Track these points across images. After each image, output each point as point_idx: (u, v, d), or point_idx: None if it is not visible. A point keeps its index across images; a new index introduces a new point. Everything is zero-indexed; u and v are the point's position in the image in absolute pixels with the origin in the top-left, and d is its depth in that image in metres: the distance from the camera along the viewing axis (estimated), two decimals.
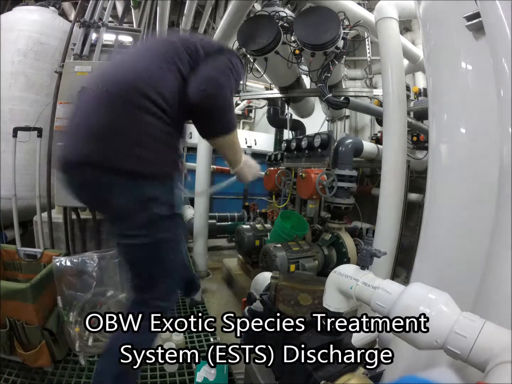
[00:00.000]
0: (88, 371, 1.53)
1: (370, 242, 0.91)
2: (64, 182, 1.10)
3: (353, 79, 4.92)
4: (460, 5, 1.10)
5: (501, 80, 0.84)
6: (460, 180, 1.13)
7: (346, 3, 2.67)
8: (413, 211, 3.29)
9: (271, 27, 2.37)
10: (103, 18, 2.11)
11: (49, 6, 2.74)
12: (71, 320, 1.60)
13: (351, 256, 2.63)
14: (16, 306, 1.38)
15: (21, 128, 2.09)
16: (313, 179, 2.64)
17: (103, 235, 1.99)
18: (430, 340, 0.65)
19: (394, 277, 2.61)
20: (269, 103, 4.16)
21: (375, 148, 3.16)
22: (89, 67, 1.79)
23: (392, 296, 0.74)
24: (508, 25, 0.81)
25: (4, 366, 1.49)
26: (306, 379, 0.89)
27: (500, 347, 0.57)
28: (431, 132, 1.30)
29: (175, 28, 5.41)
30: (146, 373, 1.56)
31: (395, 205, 2.15)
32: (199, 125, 1.22)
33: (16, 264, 1.81)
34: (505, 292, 0.74)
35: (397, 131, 2.15)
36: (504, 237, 0.77)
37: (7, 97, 2.44)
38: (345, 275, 0.88)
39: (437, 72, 1.27)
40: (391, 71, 2.17)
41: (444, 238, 1.15)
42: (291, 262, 2.49)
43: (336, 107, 2.69)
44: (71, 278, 1.65)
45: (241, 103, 7.60)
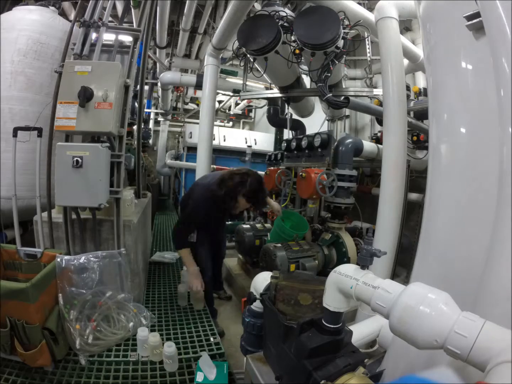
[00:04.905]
0: (88, 370, 1.53)
1: (370, 241, 0.91)
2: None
3: (353, 78, 4.91)
4: (460, 5, 1.10)
5: (501, 80, 0.84)
6: (460, 180, 1.13)
7: (346, 3, 2.67)
8: (413, 210, 3.29)
9: (271, 27, 2.37)
10: (103, 18, 2.10)
11: (49, 5, 2.74)
12: (71, 318, 1.60)
13: (351, 255, 2.63)
14: (16, 306, 1.38)
15: (21, 128, 2.09)
16: (313, 178, 2.64)
17: (103, 235, 1.99)
18: (430, 339, 0.65)
19: (394, 277, 2.61)
20: (269, 103, 4.16)
21: (375, 148, 3.16)
22: (89, 67, 1.79)
23: (392, 296, 0.74)
24: (508, 25, 0.81)
25: (4, 366, 1.49)
26: (306, 379, 0.89)
27: (500, 346, 0.57)
28: (431, 132, 1.30)
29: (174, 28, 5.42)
30: (146, 373, 1.56)
31: (395, 205, 2.15)
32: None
33: (16, 263, 1.81)
34: (505, 292, 0.74)
35: (397, 131, 2.15)
36: (504, 236, 0.77)
37: (7, 97, 2.43)
38: (345, 275, 0.88)
39: (437, 72, 1.27)
40: (391, 70, 2.17)
41: (444, 237, 1.16)
42: (291, 261, 2.49)
43: (336, 106, 2.69)
44: (72, 276, 1.66)
45: (241, 102, 7.62)
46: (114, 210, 1.92)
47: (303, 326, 0.96)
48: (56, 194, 1.76)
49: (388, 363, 1.28)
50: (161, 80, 5.44)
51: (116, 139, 1.93)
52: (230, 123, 8.74)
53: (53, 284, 1.59)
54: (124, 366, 1.58)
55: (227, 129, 7.45)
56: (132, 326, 1.81)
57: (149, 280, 2.71)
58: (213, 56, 3.40)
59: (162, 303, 2.31)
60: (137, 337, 1.67)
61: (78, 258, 1.70)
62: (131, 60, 2.09)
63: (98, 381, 1.48)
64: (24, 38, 2.49)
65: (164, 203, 7.28)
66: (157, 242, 4.00)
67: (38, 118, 2.25)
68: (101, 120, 1.75)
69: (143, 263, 2.58)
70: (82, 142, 2.00)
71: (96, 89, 1.74)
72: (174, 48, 5.67)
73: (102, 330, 1.71)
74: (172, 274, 2.90)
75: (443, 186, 1.20)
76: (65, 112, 1.73)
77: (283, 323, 1.03)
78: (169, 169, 7.41)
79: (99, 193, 1.75)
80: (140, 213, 2.41)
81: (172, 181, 7.99)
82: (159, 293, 2.47)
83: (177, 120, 8.11)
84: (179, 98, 8.02)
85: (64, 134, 1.89)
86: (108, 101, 1.75)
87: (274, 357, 1.13)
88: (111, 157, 1.86)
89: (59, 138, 1.99)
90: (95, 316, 1.69)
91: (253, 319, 1.33)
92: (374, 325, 1.74)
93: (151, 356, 1.64)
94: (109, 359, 1.62)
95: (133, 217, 2.14)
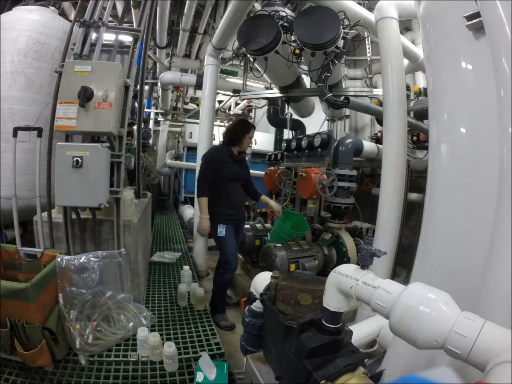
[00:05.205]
0: (88, 370, 1.53)
1: (370, 241, 0.91)
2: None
3: (353, 78, 4.92)
4: (460, 5, 1.10)
5: (501, 80, 0.84)
6: (460, 180, 1.13)
7: (346, 3, 2.67)
8: (413, 211, 3.29)
9: (271, 27, 2.37)
10: (103, 18, 2.10)
11: (49, 5, 2.74)
12: (71, 318, 1.60)
13: (351, 255, 2.63)
14: (16, 306, 1.38)
15: (21, 128, 2.09)
16: (313, 178, 2.64)
17: (103, 235, 1.99)
18: (430, 339, 0.65)
19: (394, 277, 2.61)
20: (269, 103, 4.16)
21: (375, 148, 3.16)
22: (89, 67, 1.79)
23: (392, 296, 0.74)
24: (508, 25, 0.81)
25: (4, 366, 1.49)
26: (306, 378, 0.89)
27: (500, 347, 0.57)
28: (431, 132, 1.30)
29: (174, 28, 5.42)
30: (146, 373, 1.56)
31: (395, 205, 2.15)
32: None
33: (16, 263, 1.81)
34: (505, 292, 0.74)
35: (397, 131, 2.15)
36: (504, 237, 0.77)
37: (7, 97, 2.43)
38: (345, 275, 0.88)
39: (437, 71, 1.27)
40: (391, 70, 2.17)
41: (444, 237, 1.15)
42: (291, 261, 2.49)
43: (336, 106, 2.69)
44: (72, 276, 1.66)
45: (241, 102, 7.61)
46: (114, 210, 1.92)
47: (303, 326, 0.96)
48: (56, 194, 1.76)
49: (388, 363, 1.27)
50: (161, 80, 5.44)
51: (116, 139, 1.93)
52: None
53: (53, 284, 1.59)
54: (124, 366, 1.59)
55: None
56: (132, 326, 1.81)
57: (149, 280, 2.71)
58: (213, 56, 3.40)
59: (162, 303, 2.31)
60: (137, 337, 1.67)
61: (78, 258, 1.70)
62: (131, 60, 2.10)
63: (98, 381, 1.48)
64: (24, 38, 2.49)
65: (164, 203, 7.28)
66: (157, 242, 4.00)
67: (38, 118, 2.25)
68: (101, 120, 1.75)
69: (143, 263, 2.58)
70: (82, 142, 2.00)
71: (96, 89, 1.75)
72: (174, 48, 5.66)
73: (102, 330, 1.71)
74: (172, 274, 2.90)
75: (443, 186, 1.20)
76: (65, 112, 1.73)
77: (283, 323, 1.03)
78: (169, 169, 7.40)
79: (99, 193, 1.75)
80: (140, 213, 2.41)
81: (172, 181, 7.99)
82: (159, 293, 2.47)
83: (177, 120, 8.10)
84: (179, 98, 8.02)
85: (64, 134, 1.89)
86: (108, 101, 1.75)
87: (274, 357, 1.13)
88: (111, 157, 1.86)
89: (59, 138, 1.99)
90: (95, 316, 1.69)
91: (253, 319, 1.33)
92: (374, 325, 1.74)
93: (151, 356, 1.65)
94: (109, 359, 1.62)
95: (133, 217, 2.14)
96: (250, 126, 2.61)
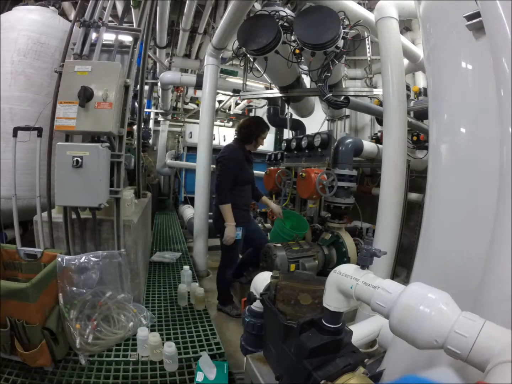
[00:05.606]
0: (88, 370, 1.53)
1: (370, 241, 0.91)
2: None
3: (353, 78, 4.91)
4: (460, 5, 1.10)
5: (501, 80, 0.84)
6: (460, 180, 1.13)
7: (346, 3, 2.67)
8: (413, 210, 3.29)
9: (271, 27, 2.37)
10: (103, 18, 2.10)
11: (49, 5, 2.73)
12: (71, 318, 1.60)
13: (351, 255, 2.63)
14: (16, 306, 1.38)
15: (21, 128, 2.09)
16: (313, 178, 2.64)
17: (103, 235, 1.99)
18: (430, 339, 0.65)
19: (394, 277, 2.61)
20: (269, 103, 4.15)
21: (375, 148, 3.15)
22: (89, 66, 1.79)
23: (392, 296, 0.74)
24: (508, 25, 0.81)
25: (4, 366, 1.49)
26: (306, 378, 0.89)
27: (500, 346, 0.57)
28: (431, 132, 1.30)
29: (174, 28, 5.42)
30: (146, 373, 1.56)
31: (395, 205, 2.15)
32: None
33: (16, 263, 1.81)
34: (505, 292, 0.74)
35: (397, 131, 2.14)
36: (504, 237, 0.77)
37: (7, 96, 2.43)
38: (345, 275, 0.88)
39: (437, 71, 1.27)
40: (391, 70, 2.16)
41: (444, 237, 1.15)
42: (291, 261, 2.49)
43: (336, 106, 2.68)
44: (72, 276, 1.66)
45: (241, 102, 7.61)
46: (114, 210, 1.92)
47: (303, 326, 0.96)
48: (56, 194, 1.76)
49: (388, 363, 1.27)
50: (161, 80, 5.44)
51: (116, 139, 1.93)
52: (230, 123, 8.73)
53: (53, 284, 1.59)
54: (124, 366, 1.59)
55: (227, 129, 7.44)
56: (132, 326, 1.81)
57: (149, 280, 2.71)
58: (213, 56, 3.40)
59: (162, 303, 2.31)
60: (137, 337, 1.68)
61: (78, 258, 1.70)
62: (131, 60, 2.10)
63: (98, 381, 1.48)
64: (24, 38, 2.48)
65: (164, 203, 7.28)
66: (157, 242, 4.00)
67: (38, 118, 2.25)
68: (101, 120, 1.75)
69: (143, 263, 2.58)
70: (82, 142, 2.00)
71: (96, 89, 1.75)
72: (174, 48, 5.66)
73: (102, 330, 1.71)
74: (172, 274, 2.90)
75: (443, 186, 1.20)
76: (65, 112, 1.74)
77: (283, 323, 1.04)
78: (169, 169, 7.40)
79: (99, 193, 1.75)
80: (140, 213, 2.41)
81: (172, 181, 7.98)
82: (159, 293, 2.48)
83: (177, 120, 8.10)
84: (179, 98, 8.01)
85: (64, 134, 1.89)
86: (108, 101, 1.75)
87: (274, 357, 1.13)
88: (111, 157, 1.86)
89: (59, 138, 1.99)
90: (95, 316, 1.70)
91: (253, 319, 1.33)
92: (374, 325, 1.74)
93: (151, 356, 1.65)
94: (109, 359, 1.62)
95: (133, 217, 2.14)
96: (266, 127, 2.59)
